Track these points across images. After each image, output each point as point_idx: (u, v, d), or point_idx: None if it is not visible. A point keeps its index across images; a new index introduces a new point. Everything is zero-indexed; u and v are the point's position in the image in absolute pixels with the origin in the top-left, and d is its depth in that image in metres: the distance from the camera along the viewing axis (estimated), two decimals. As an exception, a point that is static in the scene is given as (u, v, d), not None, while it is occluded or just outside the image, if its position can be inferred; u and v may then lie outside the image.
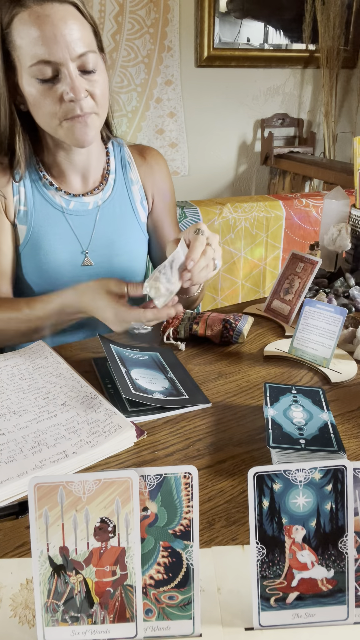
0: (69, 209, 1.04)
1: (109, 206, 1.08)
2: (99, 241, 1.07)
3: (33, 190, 1.02)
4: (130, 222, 1.11)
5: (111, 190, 1.09)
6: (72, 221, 1.04)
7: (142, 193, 1.14)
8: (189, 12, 2.77)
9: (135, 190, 1.12)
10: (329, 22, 2.94)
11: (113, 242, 1.08)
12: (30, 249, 1.02)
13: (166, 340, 0.93)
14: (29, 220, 1.01)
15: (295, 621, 0.43)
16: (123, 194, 1.10)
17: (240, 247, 1.92)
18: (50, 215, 1.03)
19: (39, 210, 1.02)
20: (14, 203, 1.01)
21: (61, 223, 1.04)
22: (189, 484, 0.43)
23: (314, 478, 0.43)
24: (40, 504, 0.42)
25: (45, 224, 1.03)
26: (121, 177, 1.11)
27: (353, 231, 1.14)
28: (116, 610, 0.42)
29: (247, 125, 3.17)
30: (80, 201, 1.05)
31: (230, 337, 0.92)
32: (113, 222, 1.08)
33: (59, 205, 1.03)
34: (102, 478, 0.42)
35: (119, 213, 1.09)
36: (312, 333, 0.86)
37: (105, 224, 1.07)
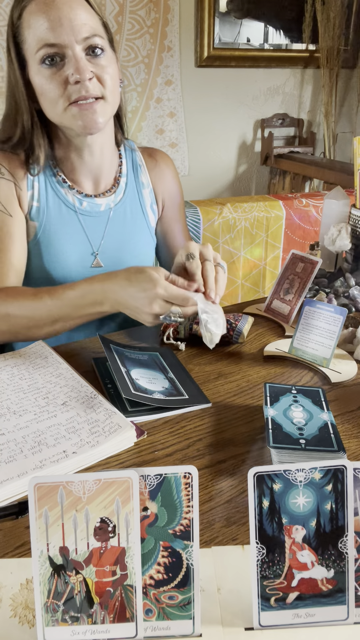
0: (82, 208, 1.04)
1: (120, 209, 1.08)
2: (110, 243, 1.06)
3: (47, 186, 1.01)
4: (140, 225, 1.11)
5: (123, 193, 1.08)
6: (84, 221, 1.04)
7: (153, 197, 1.13)
8: (189, 12, 2.77)
9: (145, 193, 1.12)
10: (329, 22, 2.94)
11: (123, 244, 1.08)
12: (40, 246, 1.01)
13: (166, 340, 0.93)
14: (40, 216, 1.00)
15: (295, 621, 0.43)
16: (134, 197, 1.10)
17: (240, 247, 1.92)
18: (62, 214, 1.02)
19: (52, 208, 1.01)
20: (28, 198, 1.00)
21: (73, 222, 1.03)
22: (189, 484, 0.43)
23: (314, 478, 0.43)
24: (40, 504, 0.42)
25: (57, 222, 1.02)
26: (132, 181, 1.10)
27: (353, 231, 1.14)
28: (116, 610, 0.42)
29: (247, 125, 3.17)
30: (92, 202, 1.04)
31: (230, 337, 0.92)
32: (124, 225, 1.08)
33: (71, 204, 1.03)
34: (102, 478, 0.42)
35: (129, 216, 1.09)
36: (312, 333, 0.86)
37: (116, 226, 1.07)
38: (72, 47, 0.87)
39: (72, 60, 0.87)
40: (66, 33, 0.86)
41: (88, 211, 1.04)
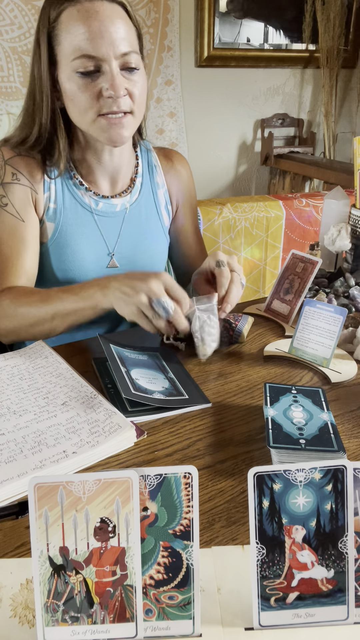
0: (98, 209, 1.04)
1: (135, 209, 1.08)
2: (125, 243, 1.07)
3: (63, 188, 1.02)
4: (155, 226, 1.12)
5: (138, 193, 1.09)
6: (100, 222, 1.05)
7: (167, 197, 1.14)
8: (189, 12, 2.77)
9: (160, 194, 1.13)
10: (329, 22, 2.94)
11: (137, 244, 1.09)
12: (56, 247, 1.02)
13: (166, 340, 0.93)
14: (57, 218, 1.01)
15: (295, 621, 0.43)
16: (149, 197, 1.11)
17: (240, 247, 1.92)
18: (79, 215, 1.03)
19: (68, 209, 1.02)
20: (44, 200, 1.00)
21: (89, 223, 1.04)
22: (189, 484, 0.43)
23: (314, 478, 0.43)
24: (40, 504, 0.42)
25: (73, 223, 1.02)
26: (148, 181, 1.11)
27: (353, 231, 1.14)
28: (116, 610, 0.42)
29: (247, 125, 3.17)
30: (108, 202, 1.05)
31: (230, 338, 0.92)
32: (139, 225, 1.09)
33: (88, 205, 1.03)
34: (102, 478, 0.42)
35: (144, 216, 1.10)
36: (312, 333, 0.86)
37: (131, 226, 1.08)
38: (110, 62, 0.87)
39: (109, 75, 0.88)
40: (105, 47, 0.86)
41: (104, 212, 1.05)
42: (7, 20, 2.41)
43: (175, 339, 0.93)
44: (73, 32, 0.87)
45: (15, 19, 2.42)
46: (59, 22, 0.88)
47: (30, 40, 2.47)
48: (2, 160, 0.98)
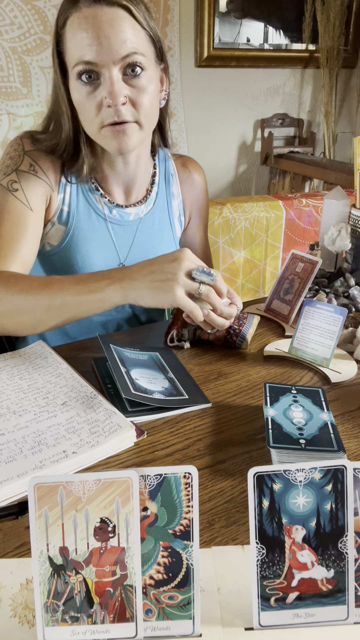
0: (111, 216, 1.02)
1: (149, 219, 1.07)
2: (136, 254, 1.05)
3: (78, 192, 1.00)
4: (167, 236, 1.10)
5: (153, 203, 1.07)
6: (113, 230, 1.03)
7: (181, 208, 1.12)
8: (189, 12, 2.77)
9: (175, 204, 1.11)
10: (329, 22, 2.94)
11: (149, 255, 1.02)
12: (66, 251, 1.00)
13: (170, 342, 0.92)
14: (70, 221, 0.99)
15: (295, 621, 0.43)
16: (163, 208, 1.09)
17: (240, 247, 1.92)
18: (92, 220, 1.01)
19: (82, 214, 1.00)
20: (58, 201, 0.99)
21: (102, 230, 1.02)
22: (189, 484, 0.43)
23: (314, 478, 0.43)
24: (40, 504, 0.42)
25: (85, 228, 1.00)
26: (163, 191, 1.09)
27: (353, 231, 1.14)
28: (116, 610, 0.42)
29: (247, 125, 3.18)
30: (122, 211, 1.03)
31: (234, 343, 0.91)
32: (151, 236, 1.07)
33: (101, 212, 1.01)
34: (102, 478, 0.42)
35: (157, 227, 1.08)
36: (312, 333, 0.86)
37: (144, 236, 1.06)
38: (108, 68, 0.84)
39: (107, 82, 0.85)
40: (103, 52, 0.83)
41: (117, 220, 1.03)
42: (7, 20, 2.41)
43: (179, 340, 0.93)
44: (74, 39, 0.85)
45: (15, 19, 2.42)
46: (65, 30, 0.87)
47: (30, 40, 2.47)
48: (22, 149, 0.96)
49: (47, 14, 2.47)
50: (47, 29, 2.48)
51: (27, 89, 2.53)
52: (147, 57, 0.88)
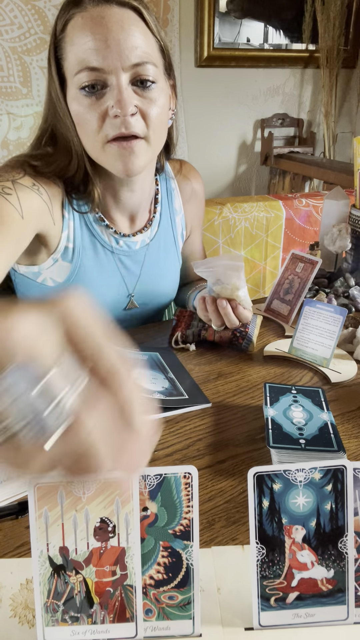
0: (118, 247, 0.95)
1: (155, 244, 1.01)
2: (144, 283, 1.01)
3: (82, 225, 0.91)
4: (172, 257, 1.06)
5: (157, 226, 1.01)
6: (120, 262, 0.96)
7: (183, 223, 1.08)
8: (189, 12, 2.77)
9: (178, 220, 1.06)
10: (329, 22, 2.94)
11: (157, 281, 1.03)
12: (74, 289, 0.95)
13: (175, 345, 0.92)
14: (75, 258, 0.91)
15: (295, 621, 0.43)
16: (168, 228, 1.04)
17: (240, 247, 1.92)
18: (98, 255, 0.93)
19: (87, 249, 0.92)
20: (62, 240, 0.89)
21: (109, 264, 0.95)
22: (189, 484, 0.43)
23: (314, 478, 0.43)
24: (40, 504, 0.42)
25: (92, 264, 0.93)
26: (167, 209, 1.03)
27: (353, 231, 1.14)
28: (116, 610, 0.42)
29: (247, 125, 3.17)
30: (129, 240, 0.97)
31: (240, 345, 0.90)
32: (158, 261, 1.02)
33: (108, 244, 0.94)
34: (102, 478, 0.42)
35: (163, 249, 1.03)
36: (312, 333, 0.86)
37: (151, 263, 1.01)
38: (117, 74, 0.75)
39: (115, 89, 0.75)
40: (112, 57, 0.74)
41: (125, 250, 0.96)
42: (7, 20, 2.41)
43: (184, 342, 0.92)
44: (77, 43, 0.75)
45: (15, 19, 2.42)
46: (65, 34, 0.77)
47: (30, 40, 2.47)
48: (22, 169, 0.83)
49: (47, 14, 2.47)
50: (47, 29, 2.48)
51: (27, 89, 2.53)
52: (158, 68, 0.79)
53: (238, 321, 0.86)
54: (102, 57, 0.74)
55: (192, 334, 0.92)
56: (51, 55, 0.80)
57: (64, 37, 0.77)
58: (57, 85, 0.80)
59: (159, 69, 0.80)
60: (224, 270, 0.85)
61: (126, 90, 0.76)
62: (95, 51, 0.74)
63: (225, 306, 0.84)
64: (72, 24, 0.76)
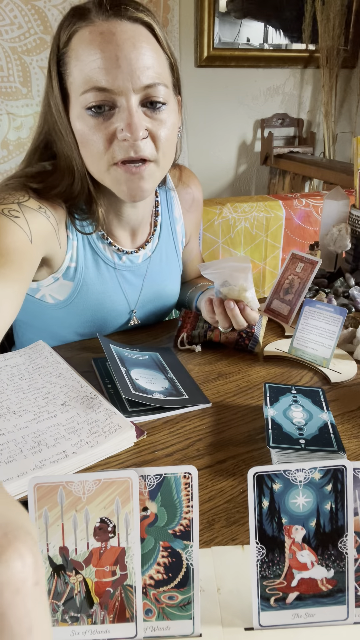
0: (121, 264, 0.94)
1: (157, 256, 1.00)
2: (145, 296, 1.00)
3: (84, 243, 0.89)
4: (173, 267, 1.05)
5: (158, 238, 1.00)
6: (122, 278, 0.95)
7: (183, 231, 1.06)
8: (188, 12, 2.77)
9: (178, 229, 1.04)
10: (328, 22, 2.94)
11: (158, 293, 1.02)
12: (75, 308, 0.92)
13: (180, 346, 0.91)
14: (78, 277, 0.90)
15: (295, 621, 0.43)
16: (169, 238, 1.02)
17: (240, 248, 1.92)
18: (101, 272, 0.92)
19: (90, 267, 0.90)
20: (66, 261, 0.88)
21: (111, 281, 0.94)
22: (189, 484, 0.43)
23: (314, 478, 0.43)
24: (40, 504, 0.42)
25: (95, 282, 0.92)
26: (167, 219, 1.01)
27: (353, 231, 1.14)
28: (116, 610, 0.42)
29: (247, 125, 3.18)
30: (132, 256, 0.95)
31: (246, 346, 0.90)
32: (160, 273, 1.01)
33: (110, 261, 0.93)
34: (102, 478, 0.42)
35: (165, 261, 1.02)
36: (312, 333, 0.86)
37: (152, 275, 1.00)
38: (127, 96, 0.71)
39: (125, 112, 0.72)
40: (123, 77, 0.70)
41: (127, 266, 0.95)
42: (7, 20, 2.41)
43: (190, 343, 0.92)
44: (84, 59, 0.70)
45: (15, 19, 2.42)
46: (69, 47, 0.72)
47: (30, 40, 2.47)
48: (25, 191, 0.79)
49: (47, 14, 2.47)
50: (47, 29, 2.48)
51: (27, 89, 2.53)
52: (168, 89, 0.76)
53: (246, 323, 0.86)
54: (112, 77, 0.70)
55: (198, 335, 0.91)
56: (53, 69, 0.75)
57: (68, 52, 0.73)
58: (60, 101, 0.76)
59: (169, 89, 0.77)
60: (231, 272, 0.85)
61: (136, 112, 0.72)
62: (104, 70, 0.70)
63: (233, 307, 0.84)
64: (78, 38, 0.71)
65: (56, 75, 0.75)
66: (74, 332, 0.96)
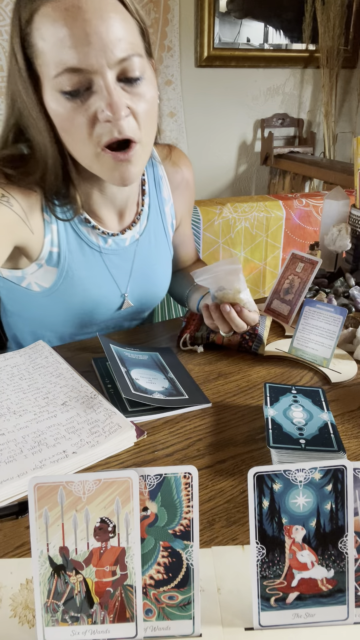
0: (107, 247, 0.92)
1: (145, 238, 0.97)
2: (136, 280, 0.98)
3: (66, 227, 0.86)
4: (163, 250, 1.02)
5: (147, 219, 0.97)
6: (110, 262, 0.93)
7: (173, 212, 1.03)
8: (189, 12, 2.77)
9: (167, 211, 1.01)
10: (329, 22, 2.94)
11: (149, 276, 1.00)
12: (62, 294, 0.90)
13: (183, 346, 0.91)
14: (62, 262, 0.87)
15: (295, 621, 0.43)
16: (157, 219, 0.99)
17: (240, 248, 1.92)
18: (86, 257, 0.90)
19: (74, 252, 0.88)
20: (45, 245, 0.85)
21: (98, 264, 0.91)
22: (189, 484, 0.43)
23: (314, 478, 0.43)
24: (40, 504, 0.42)
25: (80, 267, 0.89)
26: (155, 200, 0.98)
27: (353, 231, 1.14)
28: (116, 610, 0.42)
29: (247, 125, 3.18)
30: (118, 238, 0.93)
31: (250, 348, 0.90)
32: (149, 256, 0.98)
33: (95, 245, 0.90)
34: (102, 478, 0.42)
35: (154, 243, 0.99)
36: (312, 333, 0.86)
37: (142, 258, 0.97)
38: (103, 74, 0.67)
39: (104, 91, 0.68)
40: (95, 54, 0.66)
41: (114, 249, 0.93)
42: (7, 20, 2.41)
43: (192, 344, 0.92)
44: (50, 39, 0.66)
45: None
46: (33, 27, 0.67)
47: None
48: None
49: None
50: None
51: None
52: (143, 58, 0.72)
53: (245, 325, 0.86)
54: (84, 55, 0.66)
55: (200, 336, 0.91)
56: (18, 51, 0.70)
57: (32, 32, 0.68)
58: (29, 86, 0.71)
59: (144, 58, 0.73)
60: (224, 276, 0.84)
61: (115, 90, 0.68)
62: (75, 49, 0.65)
63: (229, 310, 0.83)
64: (41, 16, 0.66)
65: (22, 58, 0.70)
66: (64, 320, 0.94)
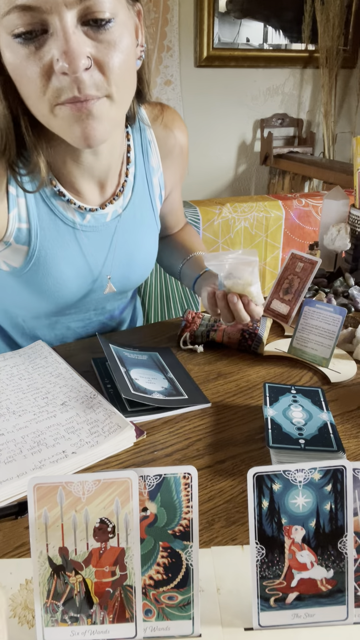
0: (84, 224, 0.81)
1: (129, 213, 0.86)
2: (118, 259, 0.88)
3: (37, 201, 0.77)
4: (149, 224, 0.91)
5: (132, 191, 0.86)
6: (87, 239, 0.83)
7: (162, 183, 0.91)
8: (188, 12, 2.78)
9: (155, 181, 0.89)
10: (328, 22, 2.94)
11: (132, 255, 0.90)
12: (34, 274, 0.81)
13: (183, 345, 0.91)
14: (32, 240, 0.78)
15: (294, 621, 0.43)
16: (144, 191, 0.88)
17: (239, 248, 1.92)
18: (60, 234, 0.80)
19: (47, 229, 0.78)
20: (11, 221, 0.75)
21: (73, 243, 0.82)
22: (189, 484, 0.42)
23: (314, 478, 0.43)
24: (39, 505, 0.41)
25: (54, 245, 0.80)
26: (142, 169, 0.86)
27: (352, 231, 1.14)
28: (116, 610, 0.42)
29: (246, 125, 3.18)
30: (98, 214, 0.82)
31: (249, 347, 0.89)
32: (133, 232, 0.88)
33: (71, 221, 0.80)
34: (102, 478, 0.42)
35: (139, 218, 0.88)
36: (312, 333, 0.86)
37: (124, 236, 0.87)
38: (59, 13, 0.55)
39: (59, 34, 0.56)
40: None
41: (93, 226, 0.82)
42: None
43: (193, 343, 0.92)
44: None
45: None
46: None
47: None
48: None
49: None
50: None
51: None
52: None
53: (249, 318, 0.83)
54: None
55: (200, 335, 0.91)
56: None
57: None
58: None
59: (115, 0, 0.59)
60: (236, 264, 0.81)
61: (73, 35, 0.56)
62: None
63: (236, 302, 0.80)
64: None
65: None
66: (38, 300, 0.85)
